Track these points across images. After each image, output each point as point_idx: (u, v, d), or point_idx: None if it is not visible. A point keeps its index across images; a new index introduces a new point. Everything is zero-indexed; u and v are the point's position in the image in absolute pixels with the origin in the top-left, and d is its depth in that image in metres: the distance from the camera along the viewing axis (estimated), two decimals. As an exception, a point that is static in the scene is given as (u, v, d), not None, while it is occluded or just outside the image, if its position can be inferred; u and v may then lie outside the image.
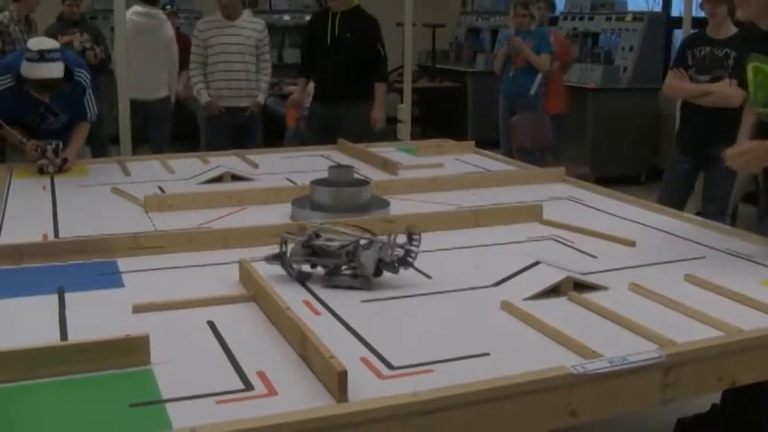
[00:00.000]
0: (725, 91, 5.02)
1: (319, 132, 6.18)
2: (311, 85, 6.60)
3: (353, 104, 6.21)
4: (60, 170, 4.20)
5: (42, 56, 4.13)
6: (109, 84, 7.21)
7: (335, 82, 6.18)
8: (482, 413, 1.84)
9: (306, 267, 2.59)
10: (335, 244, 2.56)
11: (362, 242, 2.54)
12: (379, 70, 6.39)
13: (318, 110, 6.39)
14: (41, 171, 4.17)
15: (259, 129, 6.68)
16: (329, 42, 6.19)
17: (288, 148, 5.75)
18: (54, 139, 4.31)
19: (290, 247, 2.59)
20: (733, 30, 5.23)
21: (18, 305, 2.41)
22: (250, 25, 6.54)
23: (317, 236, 2.59)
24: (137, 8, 7.52)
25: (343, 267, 2.56)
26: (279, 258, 2.58)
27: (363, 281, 2.54)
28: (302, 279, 2.57)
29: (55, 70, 4.18)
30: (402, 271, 2.61)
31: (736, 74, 5.10)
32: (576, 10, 10.10)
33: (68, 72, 4.32)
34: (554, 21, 8.52)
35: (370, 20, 6.38)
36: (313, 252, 2.57)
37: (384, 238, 2.56)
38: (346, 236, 2.61)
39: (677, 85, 5.27)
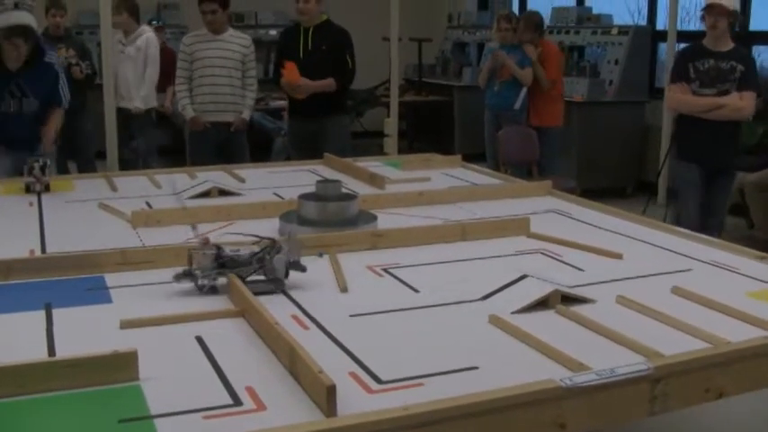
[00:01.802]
0: (737, 104, 5.04)
1: (300, 149, 6.19)
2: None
3: (331, 119, 6.22)
4: (47, 189, 4.10)
5: (16, 5, 4.28)
6: (95, 99, 7.23)
7: (310, 97, 6.17)
8: (472, 426, 1.84)
9: (219, 280, 2.63)
10: (244, 253, 2.62)
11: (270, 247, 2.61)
12: (344, 80, 6.30)
13: (296, 126, 6.40)
14: (28, 189, 4.07)
15: (245, 144, 6.68)
16: (302, 56, 6.21)
17: (275, 162, 5.74)
18: (27, 127, 4.45)
19: (197, 262, 2.61)
20: (731, 43, 5.26)
21: (5, 321, 2.40)
22: (236, 40, 6.56)
23: (220, 248, 2.63)
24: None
25: (253, 274, 2.62)
26: (189, 275, 2.61)
27: (278, 283, 2.62)
28: (213, 292, 2.61)
29: (26, 17, 4.42)
30: (389, 285, 2.62)
31: (743, 86, 5.12)
32: (562, 23, 10.16)
33: (40, 49, 4.52)
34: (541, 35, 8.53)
35: (341, 32, 6.39)
36: (223, 264, 2.61)
37: (285, 240, 2.66)
38: (247, 245, 2.67)
39: (686, 99, 5.27)
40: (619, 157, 8.91)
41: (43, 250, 3.11)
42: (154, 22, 9.30)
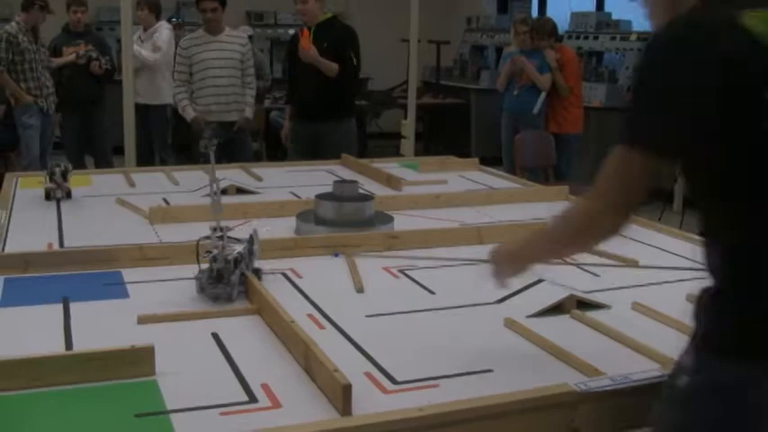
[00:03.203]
0: None
1: (302, 153, 6.15)
2: None
3: (334, 123, 6.17)
4: (69, 196, 3.85)
5: None
6: (113, 93, 7.26)
7: (314, 98, 6.13)
8: (486, 429, 1.84)
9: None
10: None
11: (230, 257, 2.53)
12: (347, 80, 6.25)
13: (299, 129, 6.36)
14: (48, 196, 3.83)
15: (248, 143, 6.72)
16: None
17: (292, 162, 5.75)
18: None
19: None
20: None
21: (23, 314, 2.42)
22: (234, 40, 6.60)
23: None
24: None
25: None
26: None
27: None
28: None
29: None
30: (404, 286, 2.63)
31: None
32: (581, 29, 10.14)
33: None
34: (558, 40, 8.53)
35: (345, 29, 6.38)
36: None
37: (238, 248, 2.58)
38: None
39: None
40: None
41: (61, 244, 3.13)
42: (173, 20, 9.35)
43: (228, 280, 2.50)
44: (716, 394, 1.66)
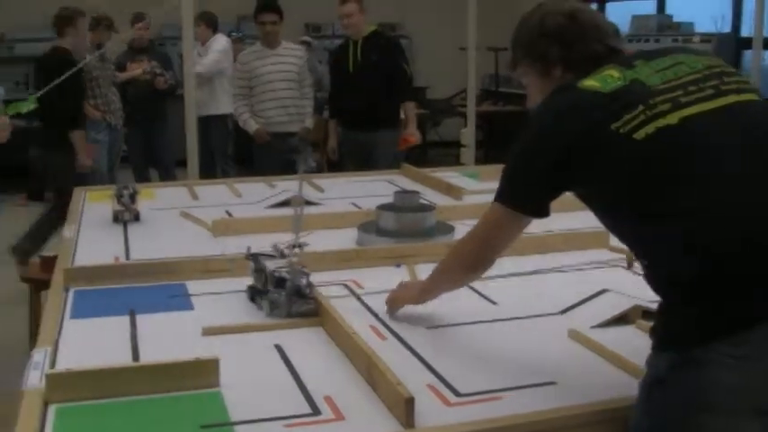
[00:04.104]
0: None
1: (350, 160, 6.24)
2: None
3: (384, 132, 6.24)
4: (137, 218, 3.74)
5: None
6: (175, 106, 7.37)
7: (363, 109, 6.23)
8: (549, 442, 1.84)
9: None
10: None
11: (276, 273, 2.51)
12: (404, 90, 6.39)
13: (350, 140, 6.45)
14: (116, 219, 3.72)
15: (309, 152, 6.76)
16: (351, 70, 6.29)
17: (353, 172, 5.76)
18: None
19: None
20: None
21: (91, 325, 2.46)
22: (292, 53, 6.66)
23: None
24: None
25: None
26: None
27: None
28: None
29: None
30: (467, 297, 2.64)
31: None
32: (642, 32, 10.04)
33: None
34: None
35: (391, 41, 6.46)
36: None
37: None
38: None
39: None
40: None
41: (127, 257, 3.18)
42: (233, 34, 9.44)
43: (306, 295, 2.50)
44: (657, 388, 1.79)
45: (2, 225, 8.48)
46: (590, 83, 1.95)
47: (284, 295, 2.46)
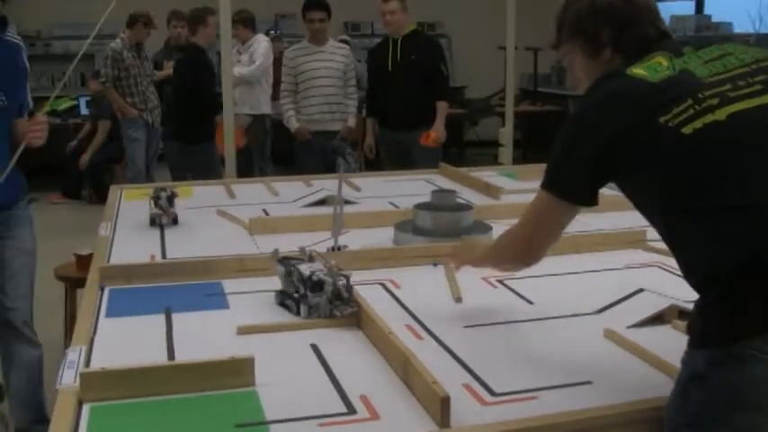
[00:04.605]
0: None
1: (392, 162, 6.24)
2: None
3: (421, 131, 6.26)
4: (175, 222, 3.65)
5: None
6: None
7: (400, 108, 6.24)
8: (586, 442, 1.83)
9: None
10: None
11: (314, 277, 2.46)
12: (440, 89, 6.38)
13: (387, 139, 6.45)
14: (153, 222, 3.62)
15: (350, 152, 6.76)
16: (390, 68, 6.30)
17: (390, 171, 5.76)
18: None
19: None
20: None
21: (127, 324, 2.47)
22: (338, 51, 6.68)
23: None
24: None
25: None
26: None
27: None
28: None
29: None
30: (503, 296, 2.62)
31: None
32: (680, 32, 9.96)
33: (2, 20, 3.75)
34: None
35: (430, 41, 6.47)
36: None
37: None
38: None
39: None
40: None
41: (164, 256, 3.19)
42: (272, 32, 9.46)
43: (348, 298, 2.46)
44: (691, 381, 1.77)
45: (41, 223, 8.58)
46: (638, 71, 1.91)
47: (324, 299, 2.43)
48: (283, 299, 2.58)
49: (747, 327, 1.68)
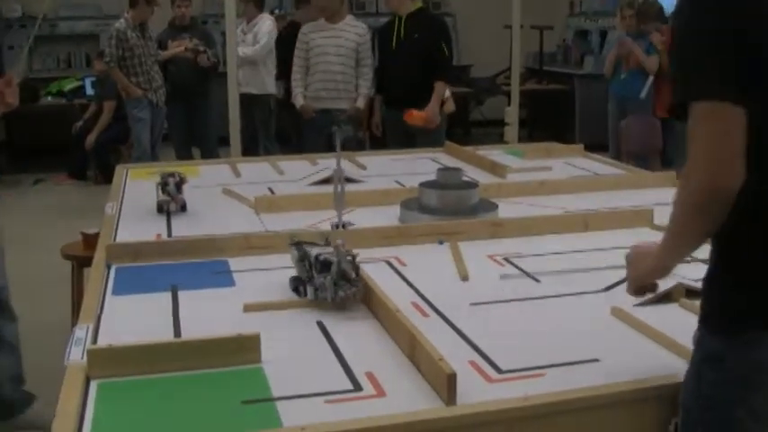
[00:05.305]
0: None
1: (396, 141, 6.22)
2: None
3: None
4: (184, 209, 3.50)
5: None
6: (218, 85, 7.41)
7: (405, 86, 6.20)
8: (592, 419, 1.83)
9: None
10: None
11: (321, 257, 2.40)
12: (440, 69, 6.31)
13: (391, 118, 6.42)
14: (161, 209, 3.49)
15: (353, 130, 6.75)
16: (394, 46, 6.26)
17: (395, 150, 5.75)
18: None
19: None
20: None
21: (134, 302, 2.48)
22: (352, 29, 6.61)
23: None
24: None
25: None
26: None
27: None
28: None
29: None
30: (510, 274, 2.62)
31: None
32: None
33: None
34: (665, 22, 8.34)
35: (435, 20, 6.42)
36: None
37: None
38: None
39: None
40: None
41: (169, 234, 3.19)
42: (276, 11, 9.44)
43: (354, 279, 2.39)
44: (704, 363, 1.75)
45: (47, 204, 8.59)
46: None
47: (329, 279, 2.37)
48: (297, 284, 2.52)
49: (763, 307, 1.67)
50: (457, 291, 2.56)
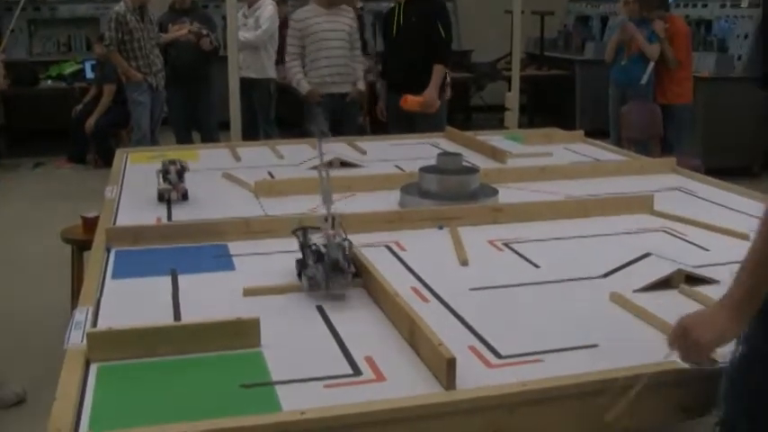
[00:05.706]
0: None
1: (398, 126, 6.20)
2: None
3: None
4: (185, 197, 3.44)
5: None
6: (218, 69, 7.39)
7: (405, 71, 6.20)
8: (590, 405, 1.83)
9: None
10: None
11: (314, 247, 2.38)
12: (438, 51, 6.25)
13: (392, 100, 6.40)
14: (162, 198, 3.42)
15: (358, 114, 6.75)
16: (395, 32, 6.26)
17: (395, 135, 5.75)
18: None
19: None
20: None
21: (134, 285, 2.48)
22: (346, 14, 6.65)
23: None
24: None
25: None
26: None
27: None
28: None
29: None
30: (509, 259, 2.62)
31: None
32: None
33: None
34: (667, 9, 8.32)
35: (435, 4, 6.37)
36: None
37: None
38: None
39: None
40: (745, 135, 8.62)
41: (169, 218, 3.19)
42: (277, -4, 9.40)
43: (344, 269, 2.36)
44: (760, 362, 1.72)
45: (47, 187, 8.58)
46: None
47: (321, 271, 2.35)
48: (300, 270, 2.46)
49: None
50: (457, 276, 2.56)
